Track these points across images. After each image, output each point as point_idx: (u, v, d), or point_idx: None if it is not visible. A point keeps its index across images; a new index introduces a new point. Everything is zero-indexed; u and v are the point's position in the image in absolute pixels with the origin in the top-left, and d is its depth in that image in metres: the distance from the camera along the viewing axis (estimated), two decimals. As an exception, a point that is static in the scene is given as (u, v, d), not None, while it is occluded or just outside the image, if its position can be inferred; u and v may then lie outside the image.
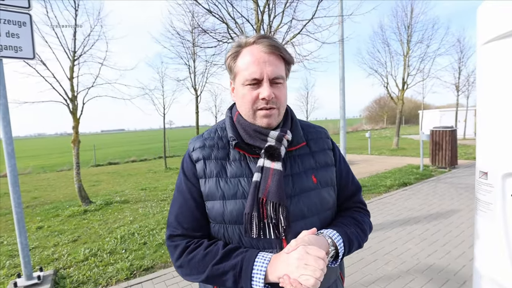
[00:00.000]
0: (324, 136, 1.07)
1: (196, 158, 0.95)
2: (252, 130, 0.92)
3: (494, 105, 1.18)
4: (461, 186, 6.58)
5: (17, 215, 2.89)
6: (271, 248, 0.88)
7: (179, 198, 0.96)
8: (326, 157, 1.02)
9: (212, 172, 0.92)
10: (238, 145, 0.92)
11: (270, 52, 0.88)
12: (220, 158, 0.94)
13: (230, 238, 0.90)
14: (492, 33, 1.19)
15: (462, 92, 17.70)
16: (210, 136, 0.99)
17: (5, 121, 2.80)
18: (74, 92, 6.10)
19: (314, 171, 0.97)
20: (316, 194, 0.94)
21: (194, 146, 0.98)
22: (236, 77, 0.93)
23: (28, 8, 2.91)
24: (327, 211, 0.98)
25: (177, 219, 0.95)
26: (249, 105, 0.89)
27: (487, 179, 1.22)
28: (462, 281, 2.89)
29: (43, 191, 9.19)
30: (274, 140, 0.90)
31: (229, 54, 0.93)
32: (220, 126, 1.02)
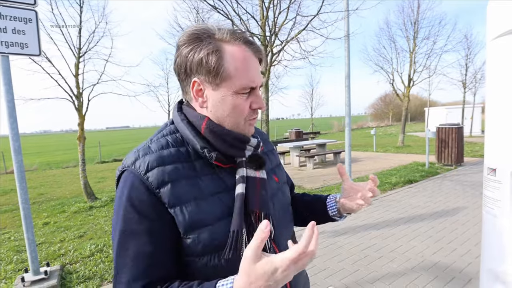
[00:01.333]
0: (267, 137, 1.07)
1: (160, 181, 0.71)
2: (231, 138, 0.78)
3: (503, 100, 1.16)
4: (467, 184, 6.52)
5: (24, 211, 2.93)
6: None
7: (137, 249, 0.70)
8: (276, 156, 1.04)
9: (187, 195, 0.72)
10: (218, 159, 0.77)
11: (259, 58, 0.81)
12: (187, 176, 0.75)
13: (223, 266, 0.74)
14: (502, 29, 1.17)
15: (469, 89, 17.48)
16: (163, 150, 0.76)
17: (11, 118, 2.82)
18: (80, 89, 6.14)
19: (273, 171, 0.96)
20: (282, 193, 0.95)
21: (147, 165, 0.72)
22: (224, 82, 0.75)
23: (33, 5, 2.92)
24: (289, 207, 1.00)
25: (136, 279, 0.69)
26: (242, 115, 0.78)
27: (496, 176, 1.20)
28: (468, 279, 2.87)
29: (49, 187, 9.29)
30: (253, 147, 0.83)
31: (205, 47, 0.73)
32: (169, 134, 0.82)
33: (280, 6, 5.33)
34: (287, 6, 5.32)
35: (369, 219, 4.63)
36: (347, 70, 5.95)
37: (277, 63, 6.07)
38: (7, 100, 2.80)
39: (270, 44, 5.39)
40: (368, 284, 2.86)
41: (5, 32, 2.77)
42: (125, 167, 0.74)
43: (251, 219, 0.77)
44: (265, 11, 5.29)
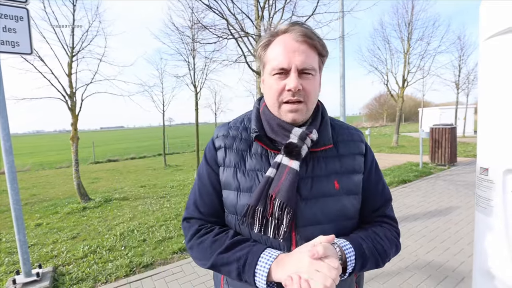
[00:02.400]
0: (358, 139, 0.97)
1: (218, 145, 0.94)
2: (275, 124, 0.88)
3: (495, 100, 1.17)
4: (460, 184, 6.59)
5: (16, 212, 2.88)
6: (278, 249, 0.83)
7: (198, 182, 0.97)
8: (355, 162, 0.93)
9: (231, 162, 0.90)
10: (259, 138, 0.89)
11: (302, 40, 0.83)
12: (241, 149, 0.91)
13: (241, 231, 0.89)
14: (494, 29, 1.17)
15: (462, 90, 17.70)
16: (235, 126, 0.97)
17: (2, 117, 2.78)
18: (73, 89, 6.07)
19: (338, 176, 0.89)
20: (336, 200, 0.87)
21: (218, 133, 0.96)
22: (265, 67, 0.89)
23: (25, 3, 2.88)
24: (346, 221, 0.90)
25: (194, 203, 0.95)
26: (275, 96, 0.85)
27: (488, 175, 1.21)
28: (461, 277, 2.90)
29: (42, 188, 9.17)
30: (297, 137, 0.84)
31: (260, 43, 0.90)
32: (248, 117, 0.99)
33: (275, 6, 5.33)
34: (282, 6, 5.33)
35: (364, 219, 4.65)
36: (342, 71, 5.98)
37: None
38: (-2, 100, 2.76)
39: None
40: (362, 283, 2.87)
41: (-5, 30, 2.73)
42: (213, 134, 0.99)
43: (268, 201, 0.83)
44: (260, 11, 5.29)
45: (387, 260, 0.91)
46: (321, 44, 0.87)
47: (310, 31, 0.85)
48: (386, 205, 0.99)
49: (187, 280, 3.08)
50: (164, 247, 3.88)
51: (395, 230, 0.97)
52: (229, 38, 5.46)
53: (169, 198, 6.64)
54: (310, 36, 0.84)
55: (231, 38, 5.38)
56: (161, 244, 3.99)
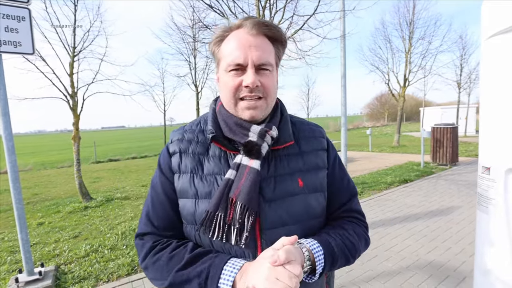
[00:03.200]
0: (319, 135, 0.95)
1: (173, 150, 0.88)
2: (233, 123, 0.83)
3: (497, 99, 1.17)
4: (462, 183, 6.57)
5: (18, 211, 2.90)
6: (243, 257, 0.79)
7: (151, 193, 0.90)
8: (318, 158, 0.90)
9: (187, 167, 0.84)
10: (216, 139, 0.84)
11: (256, 33, 0.80)
12: (198, 153, 0.86)
13: (202, 242, 0.82)
14: (496, 28, 1.17)
15: (464, 89, 17.66)
16: (191, 129, 0.91)
17: (5, 117, 2.79)
18: (74, 88, 6.08)
19: (302, 173, 0.86)
20: (301, 199, 0.83)
21: (172, 138, 0.91)
22: (219, 64, 0.85)
23: (27, 3, 2.89)
24: (312, 220, 0.86)
25: (147, 216, 0.88)
26: (231, 93, 0.80)
27: (490, 174, 1.21)
28: (462, 277, 2.90)
29: (44, 187, 9.20)
30: (256, 135, 0.80)
31: (213, 39, 0.85)
32: (204, 118, 0.94)
33: (276, 5, 5.32)
34: (283, 5, 5.32)
35: (365, 218, 4.65)
36: (343, 70, 5.97)
37: (273, 62, 6.05)
38: (1, 99, 2.77)
39: (266, 43, 5.38)
40: (363, 283, 2.87)
41: (-2, 30, 2.74)
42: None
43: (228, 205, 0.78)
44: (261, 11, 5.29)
45: (357, 255, 0.89)
46: (278, 33, 0.83)
47: (264, 22, 0.81)
48: (352, 200, 0.96)
49: (189, 279, 3.09)
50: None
51: (363, 224, 0.95)
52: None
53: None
54: (264, 27, 0.80)
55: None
56: (162, 243, 4.00)
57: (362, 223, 0.96)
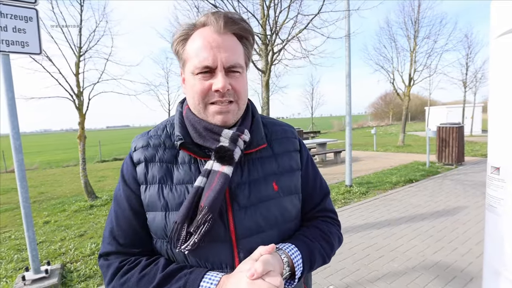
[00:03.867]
0: (291, 135, 0.92)
1: (137, 159, 0.80)
2: (202, 128, 0.78)
3: (507, 98, 1.15)
4: (468, 183, 6.51)
5: (25, 210, 2.92)
6: (220, 268, 0.75)
7: (115, 208, 0.82)
8: (291, 160, 0.88)
9: (155, 178, 0.78)
10: (185, 146, 0.78)
11: (224, 32, 0.75)
12: (165, 161, 0.79)
13: (175, 256, 0.77)
14: (506, 26, 1.16)
15: (470, 88, 17.48)
16: (156, 134, 0.84)
17: (12, 116, 2.82)
18: (80, 88, 6.13)
19: (276, 177, 0.83)
20: (277, 203, 0.80)
21: (136, 145, 0.83)
22: (185, 65, 0.78)
23: (34, 4, 2.91)
24: (288, 223, 0.84)
25: (111, 233, 0.80)
26: (199, 97, 0.75)
27: (499, 174, 1.19)
28: (469, 278, 2.87)
29: (50, 186, 9.29)
30: (228, 140, 0.76)
31: (176, 37, 0.78)
32: (170, 122, 0.86)
33: (281, 5, 5.32)
34: (288, 5, 5.31)
35: (370, 218, 4.63)
36: (348, 69, 5.95)
37: (277, 62, 6.06)
38: (8, 99, 2.80)
39: (270, 43, 5.39)
40: (369, 283, 2.86)
41: (5, 30, 2.77)
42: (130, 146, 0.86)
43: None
44: (265, 10, 5.28)
45: (333, 254, 0.89)
46: (247, 30, 0.79)
47: (232, 17, 0.76)
48: (325, 199, 0.96)
49: (194, 278, 3.09)
50: (170, 245, 3.91)
51: (336, 222, 0.96)
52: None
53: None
54: (234, 25, 0.75)
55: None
56: (167, 242, 4.02)
57: (335, 221, 0.96)
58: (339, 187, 6.47)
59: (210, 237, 0.74)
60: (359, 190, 6.16)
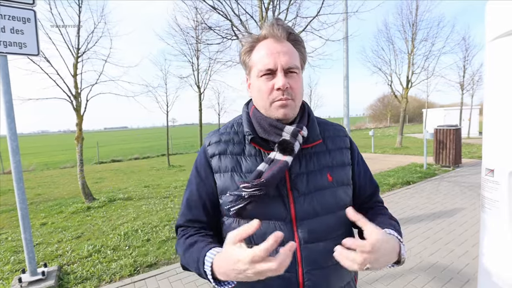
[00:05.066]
0: (342, 134, 1.04)
1: (212, 153, 0.95)
2: (267, 124, 0.91)
3: (502, 101, 1.17)
4: (465, 185, 6.54)
5: (22, 211, 2.91)
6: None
7: (187, 192, 0.99)
8: (343, 156, 0.99)
9: (227, 167, 0.92)
10: (254, 140, 0.91)
11: (282, 41, 0.88)
12: (235, 153, 0.94)
13: None
14: (501, 29, 1.17)
15: (467, 90, 17.57)
16: (226, 131, 0.99)
17: (9, 118, 2.82)
18: (78, 89, 6.12)
19: (330, 169, 0.94)
20: (331, 192, 0.92)
21: (210, 140, 0.98)
22: (251, 71, 0.93)
23: (32, 4, 2.92)
24: (342, 210, 0.91)
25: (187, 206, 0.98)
26: (265, 96, 0.88)
27: (494, 176, 1.20)
28: (466, 279, 2.88)
29: (47, 188, 9.25)
30: (289, 134, 0.88)
31: (243, 49, 0.93)
32: (237, 121, 1.01)
33: (279, 7, 5.34)
34: (286, 7, 5.33)
35: (368, 220, 4.63)
36: (346, 71, 5.97)
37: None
38: (5, 100, 2.79)
39: (269, 45, 5.39)
40: (366, 284, 2.86)
41: (3, 31, 2.77)
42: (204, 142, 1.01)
43: None
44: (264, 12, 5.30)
45: None
46: (299, 37, 0.93)
47: (288, 29, 0.89)
48: (377, 192, 1.08)
49: (191, 280, 3.09)
50: (168, 247, 3.90)
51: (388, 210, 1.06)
52: (233, 39, 5.48)
53: (172, 198, 6.66)
54: (290, 34, 0.90)
55: (235, 39, 5.40)
56: (165, 244, 4.01)
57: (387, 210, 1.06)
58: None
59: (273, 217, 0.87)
60: (357, 192, 6.17)
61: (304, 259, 0.87)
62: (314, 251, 0.88)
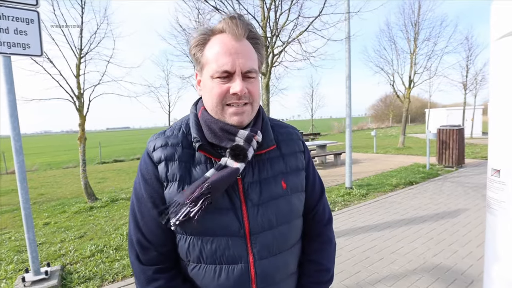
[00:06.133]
0: (296, 137, 0.97)
1: (158, 158, 0.83)
2: (218, 128, 0.82)
3: (508, 101, 1.16)
4: (468, 185, 6.51)
5: (25, 211, 2.92)
6: (234, 262, 0.81)
7: (138, 208, 0.84)
8: (297, 160, 0.93)
9: (175, 176, 0.81)
10: (202, 148, 0.81)
11: (241, 39, 0.80)
12: (184, 160, 0.82)
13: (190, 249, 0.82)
14: (506, 29, 1.16)
15: (470, 90, 17.47)
16: (173, 134, 0.86)
17: (13, 118, 2.83)
18: (81, 90, 6.14)
19: (284, 176, 0.88)
20: (286, 201, 0.87)
21: (155, 145, 0.85)
22: (203, 69, 0.83)
23: (35, 6, 2.93)
24: (298, 219, 0.92)
25: (139, 232, 0.84)
26: (217, 99, 0.79)
27: (500, 177, 1.19)
28: (470, 280, 2.86)
29: (50, 187, 9.28)
30: (243, 140, 0.80)
31: (194, 42, 0.82)
32: (185, 123, 0.90)
33: (281, 7, 5.33)
34: (288, 7, 5.33)
35: (370, 221, 4.62)
36: (348, 71, 5.96)
37: (278, 64, 6.07)
38: (9, 100, 2.80)
39: (271, 45, 5.40)
40: (369, 285, 2.85)
41: (7, 32, 2.78)
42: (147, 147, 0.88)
43: None
44: (266, 12, 5.30)
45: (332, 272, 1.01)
46: (258, 34, 0.85)
47: (247, 25, 0.81)
48: (322, 197, 1.01)
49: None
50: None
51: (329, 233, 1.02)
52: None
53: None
54: (249, 31, 0.81)
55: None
56: (167, 244, 4.01)
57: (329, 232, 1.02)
58: (339, 189, 6.46)
59: (225, 232, 0.80)
60: (359, 192, 6.16)
61: (258, 277, 0.82)
62: (269, 266, 0.83)
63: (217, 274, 0.81)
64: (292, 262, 0.92)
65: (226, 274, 0.81)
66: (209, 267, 0.81)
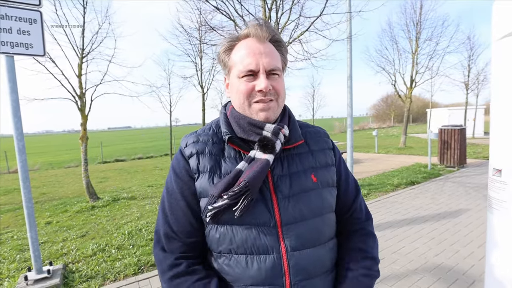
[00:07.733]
0: (324, 135, 1.01)
1: (189, 153, 0.88)
2: (246, 123, 0.86)
3: (509, 101, 1.16)
4: (470, 186, 6.49)
5: (28, 210, 2.94)
6: (265, 253, 0.81)
7: (168, 200, 0.89)
8: (327, 156, 0.96)
9: (206, 167, 0.85)
10: (232, 140, 0.86)
11: (264, 41, 0.86)
12: (214, 154, 0.87)
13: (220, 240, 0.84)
14: (508, 28, 1.16)
15: (472, 90, 17.43)
16: (204, 132, 0.93)
17: (16, 117, 2.84)
18: (83, 89, 6.16)
19: (314, 170, 0.90)
20: (317, 194, 0.88)
21: (187, 142, 0.91)
22: (230, 71, 0.89)
23: (38, 6, 2.94)
24: (331, 213, 0.92)
25: (166, 223, 0.88)
26: (244, 97, 0.84)
27: (501, 177, 1.20)
28: (471, 280, 2.86)
29: (52, 187, 9.32)
30: (270, 132, 0.84)
31: (222, 48, 0.89)
32: (215, 123, 0.96)
33: (282, 7, 5.33)
34: (289, 7, 5.33)
35: (371, 220, 4.62)
36: (349, 71, 5.95)
37: (279, 64, 6.05)
38: (12, 100, 2.82)
39: (272, 45, 5.39)
40: (370, 285, 2.85)
41: (10, 32, 2.79)
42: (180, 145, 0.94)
43: None
44: (267, 12, 5.30)
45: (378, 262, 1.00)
46: (281, 38, 0.90)
47: (270, 29, 0.86)
48: (358, 196, 1.02)
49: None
50: (171, 247, 3.91)
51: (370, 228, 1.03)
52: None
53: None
54: (272, 35, 0.87)
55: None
56: (168, 244, 4.02)
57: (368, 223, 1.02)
58: (341, 189, 6.45)
59: (256, 222, 0.81)
60: (361, 192, 6.15)
61: (291, 269, 0.81)
62: (303, 258, 0.83)
63: (248, 265, 0.81)
64: (327, 259, 0.90)
65: (257, 265, 0.81)
66: (240, 257, 0.82)
